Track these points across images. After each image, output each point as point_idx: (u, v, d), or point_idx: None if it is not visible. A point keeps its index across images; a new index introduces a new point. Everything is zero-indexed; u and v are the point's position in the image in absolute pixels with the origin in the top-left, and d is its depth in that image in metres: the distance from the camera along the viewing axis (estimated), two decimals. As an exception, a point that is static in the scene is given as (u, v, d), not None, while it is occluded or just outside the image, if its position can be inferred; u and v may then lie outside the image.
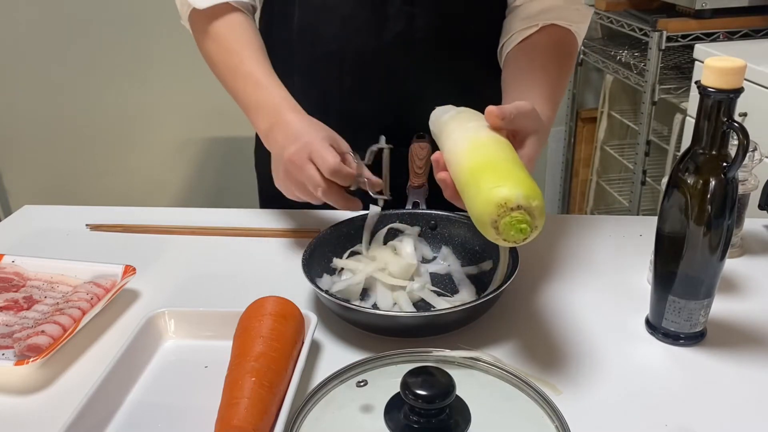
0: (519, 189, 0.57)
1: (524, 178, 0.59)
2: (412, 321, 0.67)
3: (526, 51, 0.89)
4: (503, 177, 0.59)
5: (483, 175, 0.60)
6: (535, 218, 0.57)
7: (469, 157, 0.63)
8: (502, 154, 0.63)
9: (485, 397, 0.56)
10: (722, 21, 1.85)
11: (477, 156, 0.63)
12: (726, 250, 0.64)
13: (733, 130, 0.59)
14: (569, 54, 0.91)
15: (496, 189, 0.57)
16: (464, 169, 0.63)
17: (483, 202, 0.58)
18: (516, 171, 0.60)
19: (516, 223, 0.56)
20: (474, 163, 0.62)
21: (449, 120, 0.72)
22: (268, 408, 0.56)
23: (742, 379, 0.64)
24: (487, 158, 0.62)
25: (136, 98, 2.23)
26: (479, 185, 0.59)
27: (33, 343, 0.67)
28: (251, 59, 0.84)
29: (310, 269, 0.73)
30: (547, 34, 0.89)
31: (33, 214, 1.01)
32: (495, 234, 0.58)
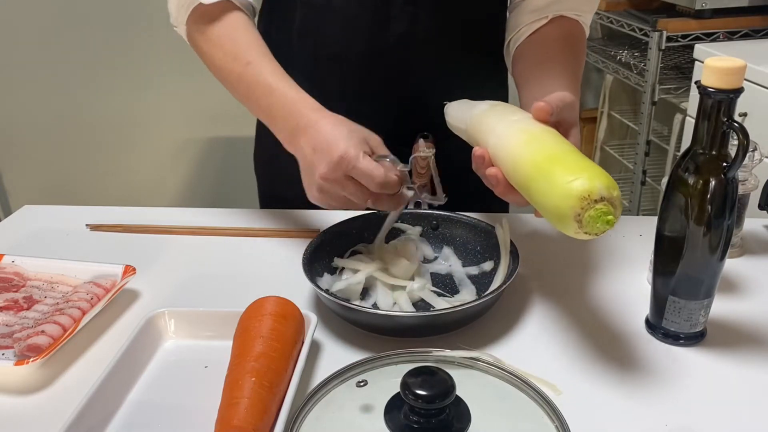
0: (599, 180, 0.55)
1: (598, 169, 0.57)
2: (413, 321, 0.67)
3: (539, 44, 0.89)
4: (578, 168, 0.57)
5: (554, 167, 0.58)
6: (616, 208, 0.56)
7: (529, 150, 0.61)
8: (564, 146, 0.61)
9: (485, 397, 0.56)
10: (722, 21, 1.85)
11: (539, 148, 0.61)
12: (726, 250, 0.64)
13: (733, 130, 0.59)
14: (581, 45, 0.92)
15: (576, 181, 0.55)
16: (526, 162, 0.61)
17: (561, 196, 0.56)
18: (586, 162, 0.58)
19: (601, 215, 0.55)
20: (538, 155, 0.60)
21: (485, 114, 0.71)
22: (268, 408, 0.56)
23: (742, 379, 0.64)
24: (552, 150, 0.60)
25: (137, 98, 2.23)
26: (552, 179, 0.57)
27: (33, 343, 0.66)
28: (258, 62, 0.79)
29: (311, 269, 0.73)
30: (557, 26, 0.89)
31: (33, 214, 1.01)
32: (576, 227, 0.56)
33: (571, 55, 0.87)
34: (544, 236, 0.90)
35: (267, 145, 1.06)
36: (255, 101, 0.79)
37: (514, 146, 0.63)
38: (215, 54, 0.83)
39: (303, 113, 0.73)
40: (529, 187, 0.60)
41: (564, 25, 0.90)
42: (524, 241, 0.87)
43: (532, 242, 0.88)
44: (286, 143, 0.76)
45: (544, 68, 0.83)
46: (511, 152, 0.63)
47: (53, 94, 2.21)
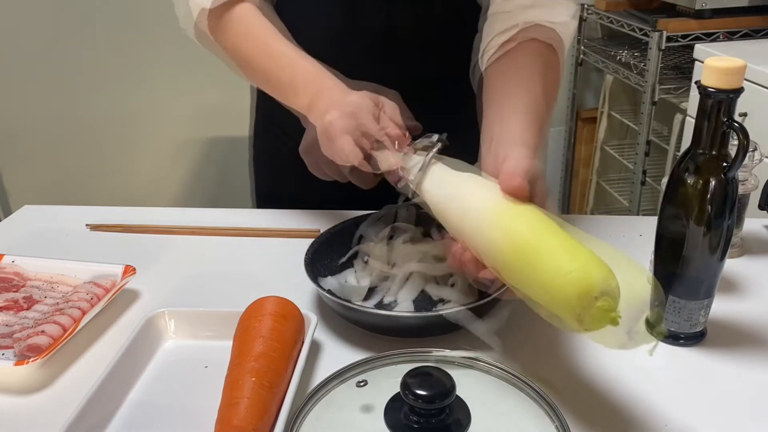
0: (596, 271, 0.50)
1: (590, 253, 0.51)
2: (414, 321, 0.67)
3: (504, 68, 0.80)
4: (570, 257, 0.51)
5: (540, 256, 0.52)
6: (617, 300, 0.50)
7: (505, 233, 0.55)
8: (548, 225, 0.55)
9: (485, 397, 0.56)
10: (722, 21, 1.85)
11: (517, 230, 0.55)
12: (726, 250, 0.64)
13: (733, 130, 0.59)
14: (554, 61, 0.83)
15: (571, 276, 0.49)
16: (503, 247, 0.55)
17: (556, 294, 0.50)
18: (576, 244, 0.52)
19: (603, 313, 0.49)
20: (518, 239, 0.54)
21: (450, 194, 0.64)
22: (268, 408, 0.56)
23: (742, 379, 0.64)
24: (534, 232, 0.54)
25: (136, 98, 2.23)
26: (541, 270, 0.51)
27: (33, 343, 0.66)
28: (276, 41, 0.80)
29: (313, 269, 0.73)
30: (527, 46, 0.81)
31: (33, 214, 1.01)
32: (577, 326, 0.50)
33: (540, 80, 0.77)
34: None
35: (267, 142, 1.07)
36: (277, 78, 0.80)
37: (486, 228, 0.57)
38: (237, 43, 0.84)
39: (323, 80, 0.75)
40: (509, 275, 0.56)
41: (535, 43, 0.81)
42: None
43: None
44: (306, 111, 0.77)
45: (507, 101, 0.75)
46: (482, 235, 0.57)
47: (53, 94, 2.21)
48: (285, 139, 1.02)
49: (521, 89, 0.75)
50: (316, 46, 0.87)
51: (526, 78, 0.77)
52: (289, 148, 1.02)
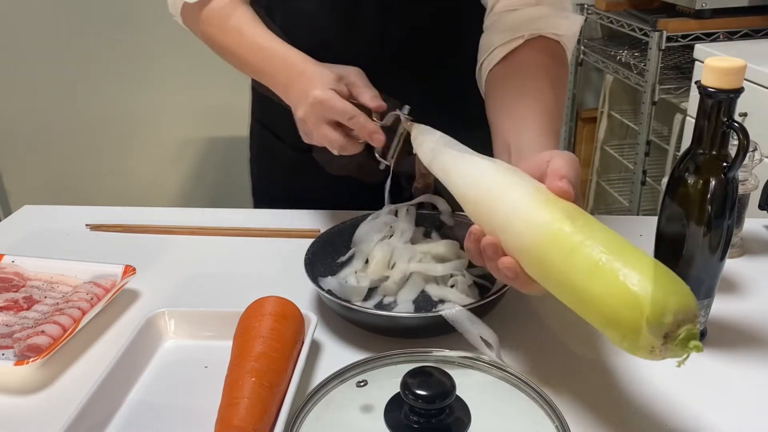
0: (688, 293, 0.45)
1: (670, 272, 0.47)
2: (414, 322, 0.67)
3: (513, 72, 0.79)
4: (641, 272, 0.46)
5: (618, 269, 0.47)
6: (696, 326, 0.45)
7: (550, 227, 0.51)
8: (608, 234, 0.50)
9: (485, 397, 0.56)
10: (722, 21, 1.85)
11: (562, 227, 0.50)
12: (726, 250, 0.64)
13: (733, 130, 0.59)
14: (561, 71, 0.81)
15: (645, 293, 0.44)
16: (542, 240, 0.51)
17: (615, 312, 0.45)
18: (641, 256, 0.47)
19: (691, 337, 0.44)
20: (592, 253, 0.49)
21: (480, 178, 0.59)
22: (268, 408, 0.56)
23: (742, 379, 0.64)
24: (593, 240, 0.49)
25: (136, 98, 2.23)
26: (607, 284, 0.46)
27: (33, 343, 0.66)
28: (249, 29, 0.83)
29: (313, 269, 0.73)
30: (534, 49, 0.79)
31: (33, 214, 1.01)
32: (650, 351, 0.45)
33: (549, 86, 0.75)
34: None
35: (264, 142, 1.07)
36: (253, 65, 0.83)
37: (534, 232, 0.52)
38: (213, 34, 0.87)
39: (293, 64, 0.78)
40: (571, 289, 0.50)
41: (542, 48, 0.79)
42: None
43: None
44: (285, 99, 0.80)
45: (517, 104, 0.74)
46: (536, 240, 0.52)
47: (53, 94, 2.21)
48: (280, 139, 1.02)
49: (533, 95, 0.74)
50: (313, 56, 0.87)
51: (538, 82, 0.76)
52: (285, 147, 1.02)
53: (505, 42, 0.80)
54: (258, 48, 0.81)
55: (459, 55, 0.92)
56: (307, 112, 0.74)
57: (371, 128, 0.72)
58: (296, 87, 0.76)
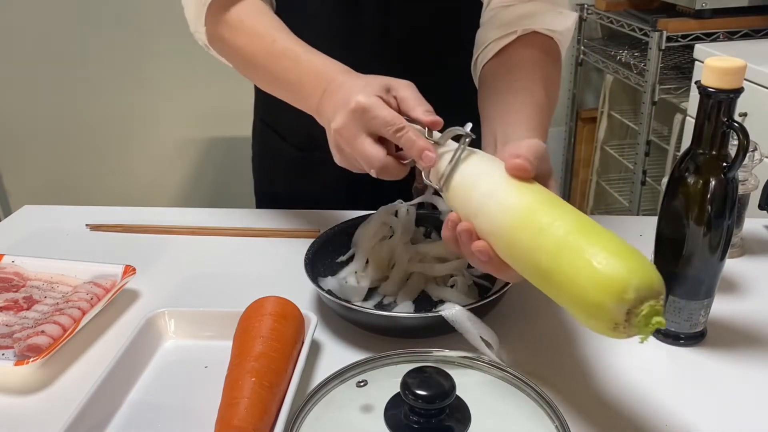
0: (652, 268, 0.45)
1: (617, 240, 0.47)
2: (414, 322, 0.67)
3: (505, 68, 0.78)
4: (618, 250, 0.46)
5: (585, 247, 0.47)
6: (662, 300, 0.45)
7: (507, 206, 0.52)
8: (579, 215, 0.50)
9: (485, 397, 0.56)
10: (722, 21, 1.85)
11: (521, 203, 0.52)
12: (726, 250, 0.64)
13: (733, 130, 0.59)
14: (554, 68, 0.80)
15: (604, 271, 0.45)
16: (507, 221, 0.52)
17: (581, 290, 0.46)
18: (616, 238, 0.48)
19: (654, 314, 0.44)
20: (522, 213, 0.51)
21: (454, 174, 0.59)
22: (268, 408, 0.56)
23: (742, 379, 0.64)
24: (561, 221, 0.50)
25: (136, 98, 2.23)
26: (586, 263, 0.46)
27: (33, 343, 0.66)
28: (282, 37, 0.76)
29: (312, 269, 0.73)
30: (527, 45, 0.79)
31: (33, 214, 1.01)
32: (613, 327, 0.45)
33: (540, 82, 0.74)
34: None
35: (266, 141, 1.07)
36: (284, 75, 0.75)
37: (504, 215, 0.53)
38: (238, 38, 0.80)
39: (332, 77, 0.69)
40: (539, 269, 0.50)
41: (535, 44, 0.78)
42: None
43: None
44: (316, 116, 0.71)
45: (507, 99, 0.72)
46: (500, 220, 0.53)
47: (53, 94, 2.21)
48: (283, 138, 1.02)
49: (523, 90, 0.74)
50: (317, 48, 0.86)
51: (527, 76, 0.76)
52: (287, 146, 1.02)
53: (499, 37, 0.80)
54: (293, 57, 0.74)
55: (460, 55, 0.92)
56: (345, 122, 0.63)
57: (422, 144, 0.61)
58: (331, 100, 0.67)
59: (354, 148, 0.63)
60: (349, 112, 0.63)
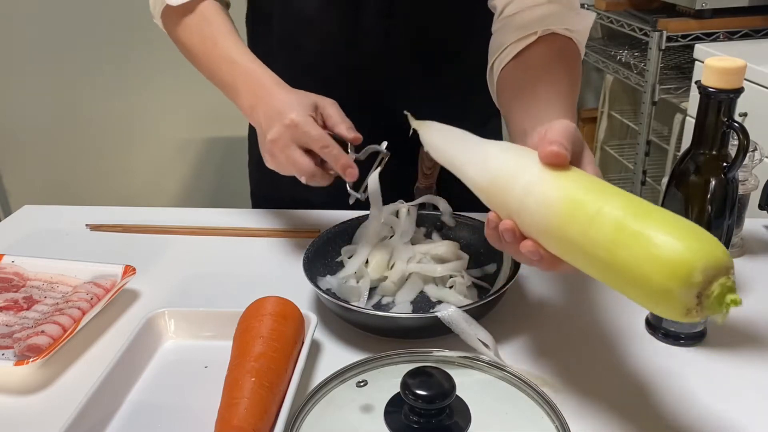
0: (716, 243, 0.44)
1: (682, 220, 0.46)
2: (413, 322, 0.67)
3: (526, 66, 0.79)
4: (663, 231, 0.44)
5: (644, 229, 0.45)
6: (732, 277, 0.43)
7: (558, 196, 0.50)
8: (625, 197, 0.49)
9: (485, 397, 0.56)
10: (722, 21, 1.85)
11: (575, 194, 0.49)
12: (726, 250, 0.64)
13: (733, 130, 0.59)
14: (575, 62, 0.81)
15: (670, 254, 0.43)
16: (554, 212, 0.50)
17: (657, 277, 0.43)
18: (661, 215, 0.46)
19: (727, 292, 0.42)
20: (575, 200, 0.49)
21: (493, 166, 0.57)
22: (268, 408, 0.56)
23: (742, 379, 0.64)
24: (609, 206, 0.48)
25: (136, 98, 2.23)
26: (648, 244, 0.44)
27: (33, 343, 0.66)
28: (224, 41, 0.82)
29: (311, 269, 0.73)
30: (546, 44, 0.79)
31: (33, 214, 1.01)
32: (687, 310, 0.43)
33: (564, 75, 0.75)
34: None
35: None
36: (221, 77, 0.82)
37: (555, 208, 0.51)
38: (186, 39, 0.87)
39: (263, 84, 0.77)
40: (597, 262, 0.48)
41: (554, 43, 0.79)
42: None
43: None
44: (247, 115, 0.79)
45: (532, 92, 0.73)
46: (553, 219, 0.51)
47: (53, 94, 2.21)
48: None
49: (546, 83, 0.73)
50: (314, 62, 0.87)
51: (551, 71, 0.76)
52: None
53: (517, 40, 0.79)
54: (230, 61, 0.80)
55: (462, 57, 0.92)
56: (280, 134, 0.72)
57: (345, 161, 0.70)
58: (264, 106, 0.75)
59: (287, 156, 0.72)
60: (283, 126, 0.71)
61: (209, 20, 0.85)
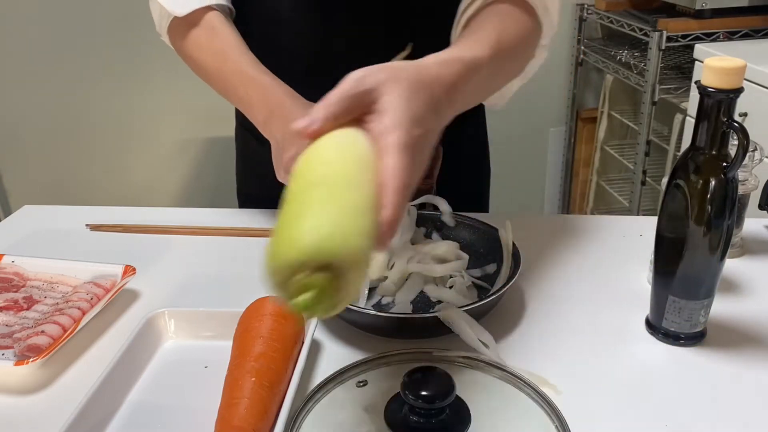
0: (286, 243, 0.41)
1: (336, 216, 0.42)
2: (411, 322, 0.67)
3: (475, 20, 0.76)
4: (299, 216, 0.42)
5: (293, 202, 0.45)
6: (339, 289, 0.41)
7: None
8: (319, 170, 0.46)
9: (485, 397, 0.56)
10: (722, 21, 1.85)
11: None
12: (726, 250, 0.64)
13: (733, 130, 0.59)
14: (518, 18, 0.75)
15: (282, 239, 0.42)
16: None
17: (272, 252, 0.43)
18: (314, 207, 0.43)
19: (300, 291, 0.41)
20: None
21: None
22: (268, 408, 0.56)
23: (742, 379, 0.64)
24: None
25: (136, 98, 2.23)
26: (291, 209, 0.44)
27: (33, 343, 0.66)
28: (234, 54, 0.82)
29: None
30: (505, 4, 0.75)
31: (33, 214, 1.01)
32: (277, 291, 0.43)
33: (498, 26, 0.71)
34: (545, 236, 0.90)
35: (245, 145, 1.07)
36: (234, 92, 0.81)
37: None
38: (196, 54, 0.86)
39: (278, 98, 0.75)
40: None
41: (512, 5, 0.75)
42: (526, 241, 0.87)
43: (534, 242, 0.88)
44: (262, 129, 0.78)
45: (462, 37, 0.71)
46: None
47: (53, 94, 2.21)
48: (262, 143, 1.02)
49: (477, 31, 0.71)
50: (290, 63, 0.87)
51: (486, 24, 0.73)
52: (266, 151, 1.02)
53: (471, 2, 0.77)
54: (241, 74, 0.80)
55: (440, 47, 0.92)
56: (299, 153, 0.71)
57: None
58: (277, 120, 0.73)
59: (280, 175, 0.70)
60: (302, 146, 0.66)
61: (217, 32, 0.84)
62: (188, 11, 0.84)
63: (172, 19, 0.87)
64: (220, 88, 0.85)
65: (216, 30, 0.84)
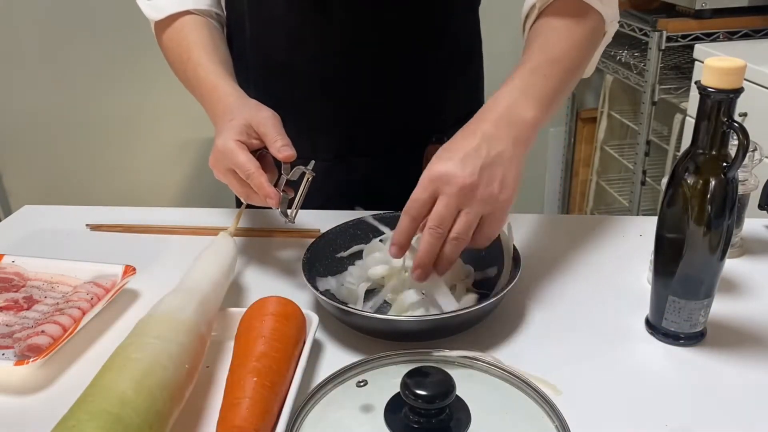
0: None
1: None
2: (412, 326, 0.67)
3: (533, 32, 0.79)
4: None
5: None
6: None
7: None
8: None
9: (485, 397, 0.56)
10: (722, 21, 1.85)
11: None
12: (726, 250, 0.64)
13: (733, 130, 0.59)
14: (585, 29, 0.79)
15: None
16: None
17: None
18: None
19: None
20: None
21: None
22: (269, 408, 0.56)
23: (742, 379, 0.64)
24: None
25: (137, 98, 2.23)
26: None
27: (33, 343, 0.67)
28: (196, 55, 0.85)
29: (311, 270, 0.73)
30: (563, 5, 0.78)
31: (33, 214, 1.01)
32: None
33: (555, 39, 0.76)
34: (545, 236, 0.90)
35: None
36: (193, 92, 0.86)
37: None
38: (167, 56, 0.91)
39: (216, 102, 0.80)
40: None
41: (571, 7, 0.78)
42: (526, 241, 0.87)
43: (534, 242, 0.88)
44: (214, 126, 0.81)
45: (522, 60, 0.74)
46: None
47: (53, 94, 2.21)
48: None
49: (531, 50, 0.74)
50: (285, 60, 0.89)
51: (545, 37, 0.76)
52: None
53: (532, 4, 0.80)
54: (196, 76, 0.84)
55: (435, 48, 0.92)
56: (216, 159, 0.74)
57: (267, 192, 0.71)
58: (217, 125, 0.78)
59: (225, 180, 0.75)
60: (215, 151, 0.74)
61: (185, 34, 0.88)
62: (164, 16, 0.88)
63: (154, 24, 0.91)
64: (183, 82, 0.89)
65: (185, 32, 0.88)
